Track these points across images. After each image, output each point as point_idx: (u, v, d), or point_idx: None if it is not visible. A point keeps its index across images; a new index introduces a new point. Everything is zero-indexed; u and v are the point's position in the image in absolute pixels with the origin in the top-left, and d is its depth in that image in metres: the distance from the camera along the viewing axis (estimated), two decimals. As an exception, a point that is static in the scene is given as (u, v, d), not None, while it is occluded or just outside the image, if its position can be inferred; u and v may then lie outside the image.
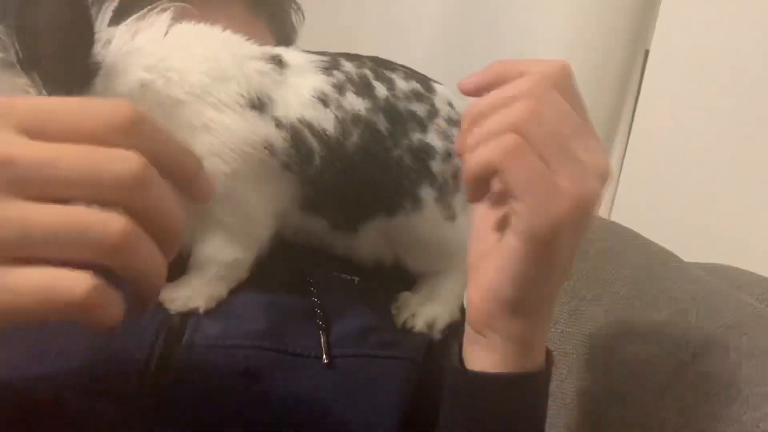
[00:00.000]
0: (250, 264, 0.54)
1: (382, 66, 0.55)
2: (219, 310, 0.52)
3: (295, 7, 0.79)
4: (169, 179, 0.31)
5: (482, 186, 0.41)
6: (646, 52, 1.01)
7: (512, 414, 0.46)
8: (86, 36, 0.45)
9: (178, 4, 0.56)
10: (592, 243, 0.66)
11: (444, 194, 0.56)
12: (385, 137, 0.53)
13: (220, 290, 0.53)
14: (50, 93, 0.44)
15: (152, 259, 0.30)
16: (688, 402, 0.52)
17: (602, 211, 1.02)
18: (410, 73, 0.57)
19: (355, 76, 0.53)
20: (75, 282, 0.28)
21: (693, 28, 0.95)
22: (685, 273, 0.63)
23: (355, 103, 0.52)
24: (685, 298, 0.59)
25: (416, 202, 0.55)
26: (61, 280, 0.28)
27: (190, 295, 0.52)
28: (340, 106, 0.52)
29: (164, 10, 0.51)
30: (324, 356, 0.52)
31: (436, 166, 0.55)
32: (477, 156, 0.39)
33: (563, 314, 0.63)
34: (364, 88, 0.53)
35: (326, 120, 0.51)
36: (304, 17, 0.80)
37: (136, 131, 0.30)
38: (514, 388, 0.45)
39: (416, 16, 1.56)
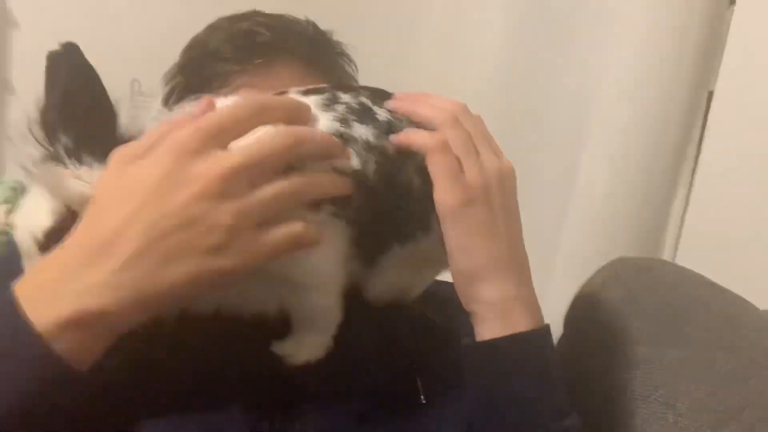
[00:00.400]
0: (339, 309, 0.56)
1: (377, 94, 0.56)
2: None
3: (347, 60, 0.82)
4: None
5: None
6: (710, 94, 1.00)
7: (505, 375, 0.52)
8: (107, 113, 0.49)
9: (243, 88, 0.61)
10: (669, 289, 0.66)
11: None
12: (394, 160, 0.53)
13: (328, 338, 0.56)
14: (84, 164, 0.48)
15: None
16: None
17: (667, 254, 1.00)
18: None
19: (354, 105, 0.54)
20: (300, 226, 0.47)
21: (758, 70, 0.94)
22: (763, 320, 0.61)
23: (361, 131, 0.52)
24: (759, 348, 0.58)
25: (428, 229, 0.55)
26: (291, 228, 0.47)
27: (308, 348, 0.55)
28: (352, 139, 0.52)
29: (226, 95, 0.54)
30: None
31: None
32: (411, 136, 0.52)
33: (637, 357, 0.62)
34: (365, 115, 0.53)
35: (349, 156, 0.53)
36: (356, 68, 0.84)
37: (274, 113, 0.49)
38: (499, 351, 0.52)
39: (476, 49, 1.58)
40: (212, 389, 0.56)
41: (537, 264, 1.11)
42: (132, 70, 2.56)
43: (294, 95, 0.54)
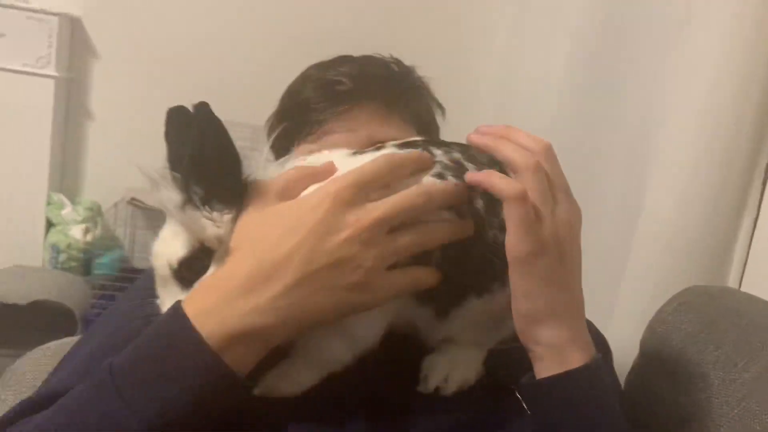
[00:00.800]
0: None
1: (467, 150, 0.61)
2: None
3: (427, 93, 0.89)
4: None
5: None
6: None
7: (562, 408, 0.56)
8: (234, 163, 0.56)
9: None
10: (741, 315, 0.69)
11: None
12: (482, 215, 0.58)
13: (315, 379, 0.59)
14: (215, 210, 0.56)
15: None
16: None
17: (732, 282, 1.03)
18: (491, 156, 0.60)
19: (448, 162, 0.59)
20: (421, 270, 0.57)
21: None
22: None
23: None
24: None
25: (505, 283, 0.57)
26: (416, 271, 0.57)
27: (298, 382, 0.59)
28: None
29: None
30: None
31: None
32: (493, 180, 0.55)
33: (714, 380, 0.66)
34: (459, 171, 0.58)
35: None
36: (443, 109, 0.90)
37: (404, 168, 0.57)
38: (556, 388, 0.56)
39: (541, 84, 1.63)
40: (341, 405, 0.61)
41: (605, 287, 1.15)
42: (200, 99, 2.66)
43: (390, 149, 0.60)
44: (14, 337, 2.02)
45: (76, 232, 2.37)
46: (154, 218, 2.51)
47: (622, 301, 1.12)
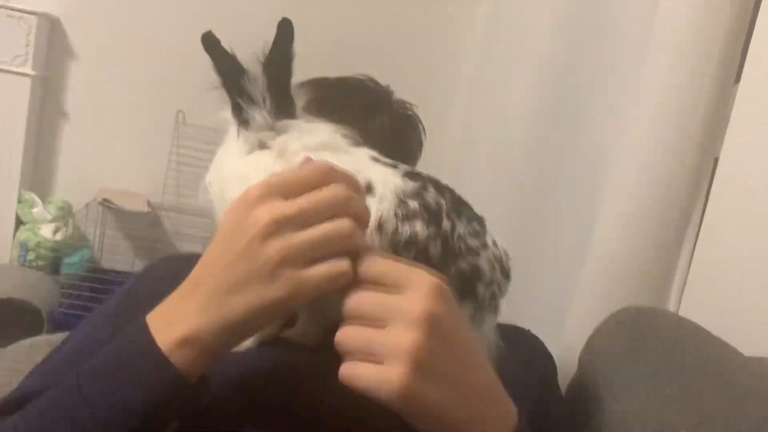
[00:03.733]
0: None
1: (457, 205, 0.66)
2: None
3: (403, 111, 0.95)
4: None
5: None
6: (716, 160, 1.10)
7: None
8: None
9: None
10: (667, 334, 0.76)
11: (480, 314, 0.65)
12: (437, 261, 0.62)
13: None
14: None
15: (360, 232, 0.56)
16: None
17: (672, 305, 1.10)
18: (474, 216, 0.67)
19: (433, 204, 0.63)
20: (339, 262, 0.54)
21: (760, 139, 1.04)
22: (744, 363, 0.72)
23: (417, 228, 0.62)
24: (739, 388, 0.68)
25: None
26: (333, 265, 0.54)
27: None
28: (396, 232, 0.62)
29: None
30: None
31: (481, 288, 0.64)
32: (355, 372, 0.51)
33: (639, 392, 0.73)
34: (433, 218, 0.62)
35: (380, 245, 0.61)
36: (416, 122, 0.96)
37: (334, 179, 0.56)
38: None
39: (501, 108, 1.70)
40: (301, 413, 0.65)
41: (554, 310, 1.22)
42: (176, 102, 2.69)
43: (400, 178, 0.65)
44: (-20, 333, 2.02)
45: (46, 231, 2.38)
46: (124, 219, 2.53)
47: (570, 319, 1.18)
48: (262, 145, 0.67)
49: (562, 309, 1.22)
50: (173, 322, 0.56)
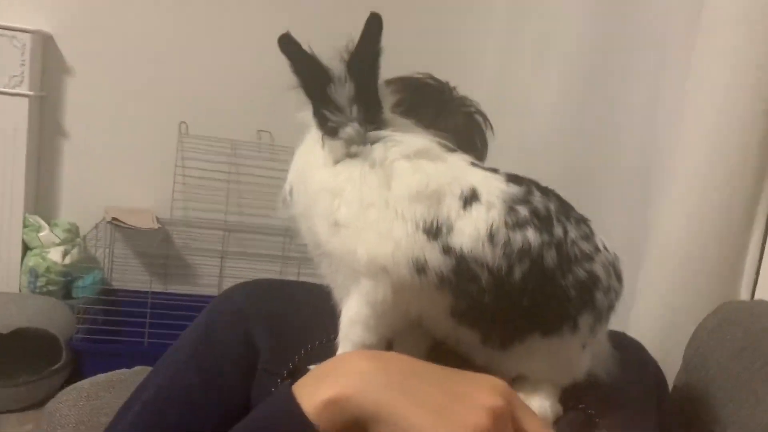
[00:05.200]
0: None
1: (564, 207, 0.62)
2: None
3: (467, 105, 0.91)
4: None
5: None
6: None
7: None
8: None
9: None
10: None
11: (597, 324, 0.61)
12: (553, 270, 0.58)
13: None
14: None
15: None
16: None
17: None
18: (581, 217, 0.63)
19: (542, 209, 0.59)
20: None
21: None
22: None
23: (530, 237, 0.57)
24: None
25: (575, 328, 0.59)
26: None
27: None
28: (508, 243, 0.57)
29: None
30: None
31: (599, 296, 0.60)
32: None
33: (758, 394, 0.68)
34: (545, 224, 0.58)
35: (492, 256, 0.57)
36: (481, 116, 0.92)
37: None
38: None
39: (535, 99, 1.66)
40: None
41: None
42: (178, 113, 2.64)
43: (504, 182, 0.60)
44: (-1, 367, 1.95)
45: (55, 255, 2.31)
46: (134, 237, 2.47)
47: (634, 316, 1.14)
48: (352, 155, 0.61)
49: (621, 305, 1.18)
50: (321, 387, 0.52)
